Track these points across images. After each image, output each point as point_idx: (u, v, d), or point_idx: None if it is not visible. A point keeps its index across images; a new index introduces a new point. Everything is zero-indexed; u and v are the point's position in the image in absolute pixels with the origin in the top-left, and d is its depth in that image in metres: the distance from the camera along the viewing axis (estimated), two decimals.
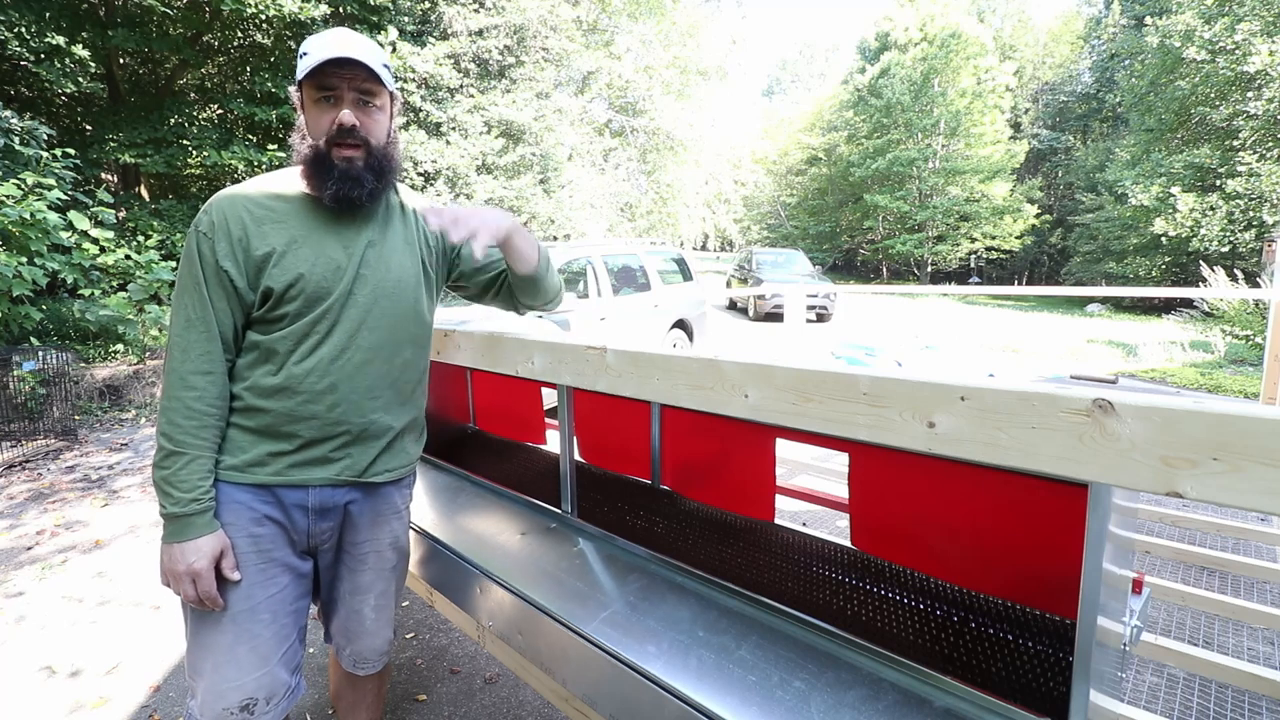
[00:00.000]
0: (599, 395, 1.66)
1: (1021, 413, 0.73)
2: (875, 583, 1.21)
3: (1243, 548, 1.97)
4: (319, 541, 1.26)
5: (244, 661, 1.14)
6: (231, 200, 1.14)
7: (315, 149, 1.15)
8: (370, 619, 1.34)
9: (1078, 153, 25.40)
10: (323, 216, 1.19)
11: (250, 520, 1.16)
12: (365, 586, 1.32)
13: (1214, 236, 14.09)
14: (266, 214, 1.15)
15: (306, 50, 1.14)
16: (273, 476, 1.16)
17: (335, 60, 1.10)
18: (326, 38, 1.14)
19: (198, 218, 1.14)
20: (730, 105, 28.64)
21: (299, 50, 1.18)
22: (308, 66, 1.11)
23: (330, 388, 1.17)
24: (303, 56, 1.15)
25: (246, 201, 1.14)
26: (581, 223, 13.22)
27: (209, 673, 1.13)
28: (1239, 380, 7.21)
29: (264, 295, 1.13)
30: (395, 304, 1.24)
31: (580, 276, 5.65)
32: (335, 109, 1.14)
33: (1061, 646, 0.98)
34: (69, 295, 6.84)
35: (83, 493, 3.86)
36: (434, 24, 10.43)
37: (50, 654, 2.32)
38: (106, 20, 7.86)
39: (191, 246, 1.12)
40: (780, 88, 59.95)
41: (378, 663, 1.39)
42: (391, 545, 1.35)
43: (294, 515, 1.20)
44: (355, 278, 1.19)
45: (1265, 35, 13.29)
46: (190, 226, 1.14)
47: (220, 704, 1.13)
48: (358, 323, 1.19)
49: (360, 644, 1.35)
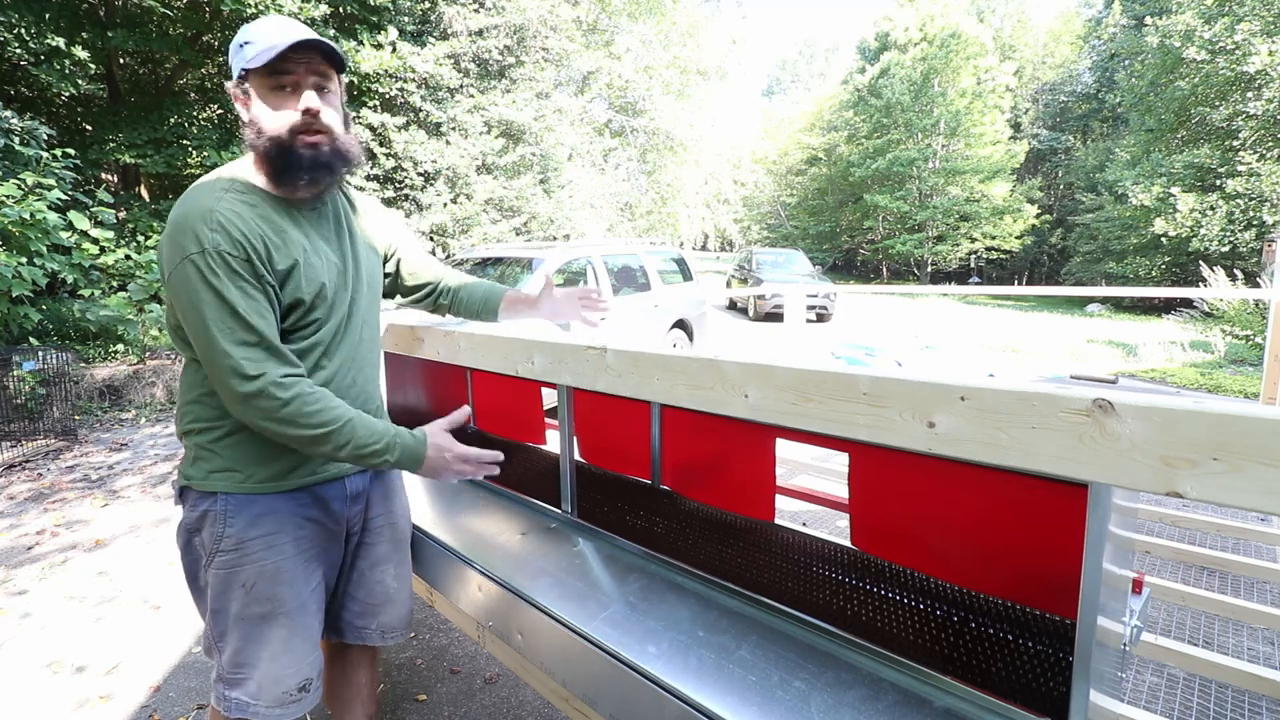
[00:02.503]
0: (599, 395, 1.66)
1: (1021, 413, 0.73)
2: (875, 583, 1.21)
3: (1243, 548, 1.97)
4: (353, 526, 1.32)
5: (299, 650, 1.20)
6: (238, 215, 1.06)
7: (277, 141, 1.09)
8: (394, 587, 1.40)
9: (1078, 153, 25.39)
10: (305, 218, 1.18)
11: (294, 525, 1.20)
12: (384, 557, 1.38)
13: (1214, 236, 14.10)
14: (273, 227, 1.10)
15: (250, 39, 1.08)
16: (310, 478, 1.21)
17: (298, 45, 1.06)
18: (270, 25, 1.10)
19: (202, 238, 1.02)
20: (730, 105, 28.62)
21: (238, 40, 1.11)
22: (264, 55, 1.05)
23: (353, 381, 1.24)
24: (246, 45, 1.08)
25: (249, 215, 1.08)
26: (581, 223, 13.21)
27: (265, 662, 1.17)
28: (1239, 380, 7.21)
29: (293, 305, 1.12)
30: (375, 293, 1.33)
31: (580, 276, 5.65)
32: (294, 97, 1.10)
33: (1061, 646, 0.98)
34: (69, 295, 6.84)
35: (83, 492, 3.86)
36: (434, 24, 10.43)
37: (55, 651, 2.33)
38: (106, 21, 7.85)
39: (212, 268, 1.01)
40: (780, 88, 59.95)
41: (403, 631, 1.44)
42: (402, 514, 1.45)
43: (333, 507, 1.26)
44: (353, 275, 1.23)
45: (1265, 35, 13.29)
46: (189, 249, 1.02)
47: (280, 689, 1.18)
48: (361, 318, 1.27)
49: (387, 615, 1.39)
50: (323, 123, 1.12)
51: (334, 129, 1.14)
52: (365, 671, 1.47)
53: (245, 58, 1.08)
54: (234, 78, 1.12)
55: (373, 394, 1.32)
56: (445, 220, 10.20)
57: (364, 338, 1.27)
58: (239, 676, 1.17)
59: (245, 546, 1.16)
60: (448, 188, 10.34)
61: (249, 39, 1.09)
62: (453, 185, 10.40)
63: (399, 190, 10.22)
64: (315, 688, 1.23)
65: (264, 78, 1.09)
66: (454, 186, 10.42)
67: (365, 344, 1.28)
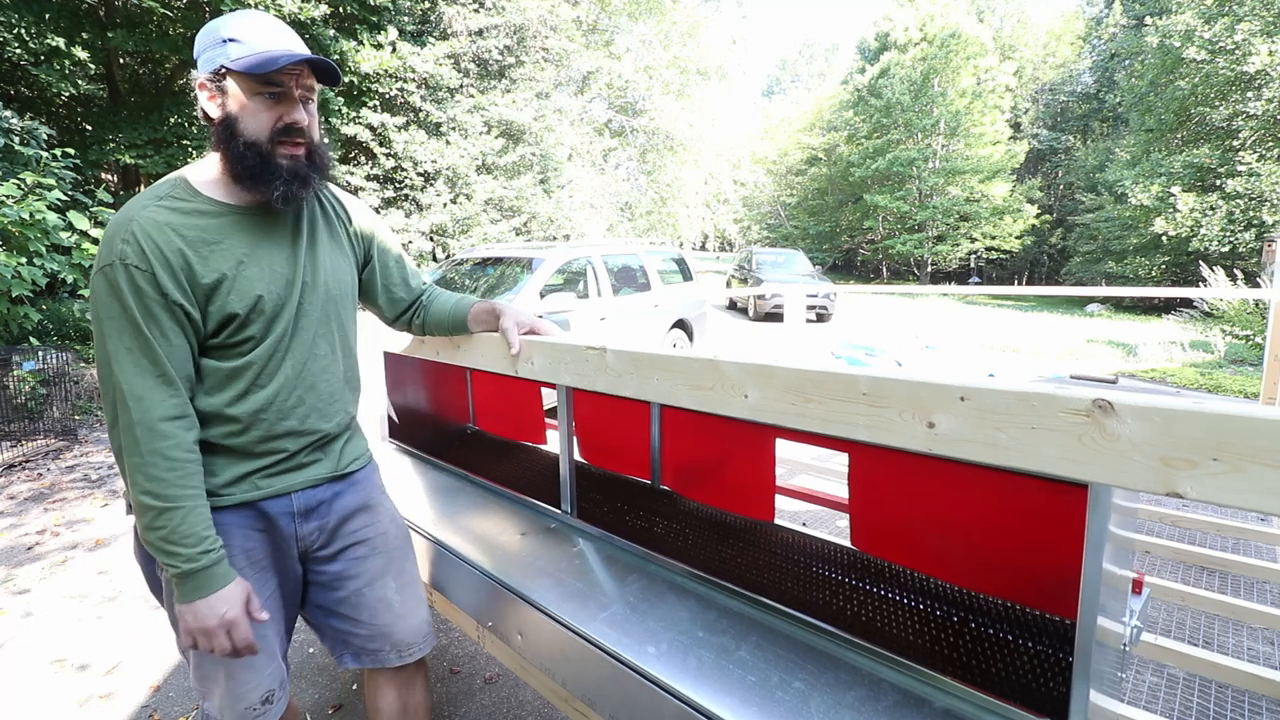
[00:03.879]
0: (599, 395, 1.67)
1: (1021, 413, 0.73)
2: (875, 583, 1.21)
3: (1243, 548, 1.97)
4: (308, 544, 1.24)
5: (257, 663, 1.16)
6: (157, 226, 1.01)
7: (255, 147, 1.06)
8: (398, 600, 1.31)
9: (1078, 153, 25.40)
10: (255, 224, 1.11)
11: (241, 536, 1.14)
12: (380, 571, 1.30)
13: (1214, 236, 14.10)
14: (201, 236, 1.04)
15: (235, 37, 1.03)
16: (253, 493, 1.14)
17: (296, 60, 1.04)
18: (259, 27, 1.05)
19: (113, 249, 0.98)
20: (730, 105, 28.52)
21: (218, 33, 1.04)
22: (255, 63, 1.02)
23: (299, 400, 1.16)
24: (230, 43, 1.03)
25: (172, 225, 1.02)
26: (581, 223, 13.22)
27: (224, 680, 1.14)
28: (1239, 380, 7.20)
29: (223, 322, 1.07)
30: (339, 305, 1.24)
31: (580, 276, 5.64)
32: (280, 106, 1.07)
33: (1061, 646, 0.98)
34: (69, 295, 6.84)
35: (83, 492, 3.86)
36: (434, 24, 10.43)
37: (58, 650, 2.33)
38: (106, 21, 7.86)
39: (117, 282, 0.98)
40: (780, 88, 59.96)
41: (424, 644, 1.35)
42: (391, 523, 1.35)
43: (280, 523, 1.19)
44: (303, 286, 1.16)
45: (1265, 35, 13.29)
46: (102, 260, 0.99)
47: (242, 704, 1.15)
48: (313, 332, 1.18)
49: (398, 631, 1.30)
50: (307, 134, 1.10)
51: (314, 139, 1.12)
52: (395, 694, 1.34)
53: (229, 56, 1.03)
54: (206, 69, 1.05)
55: (333, 412, 1.23)
56: (445, 220, 10.20)
57: (318, 353, 1.19)
58: (205, 690, 1.16)
59: None
60: (447, 188, 10.35)
61: (234, 36, 1.03)
62: (452, 185, 10.40)
63: (399, 190, 10.22)
64: (279, 697, 1.20)
65: (252, 82, 1.04)
66: (454, 186, 10.42)
67: (320, 360, 1.19)
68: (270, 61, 1.03)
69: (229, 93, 1.05)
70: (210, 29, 1.06)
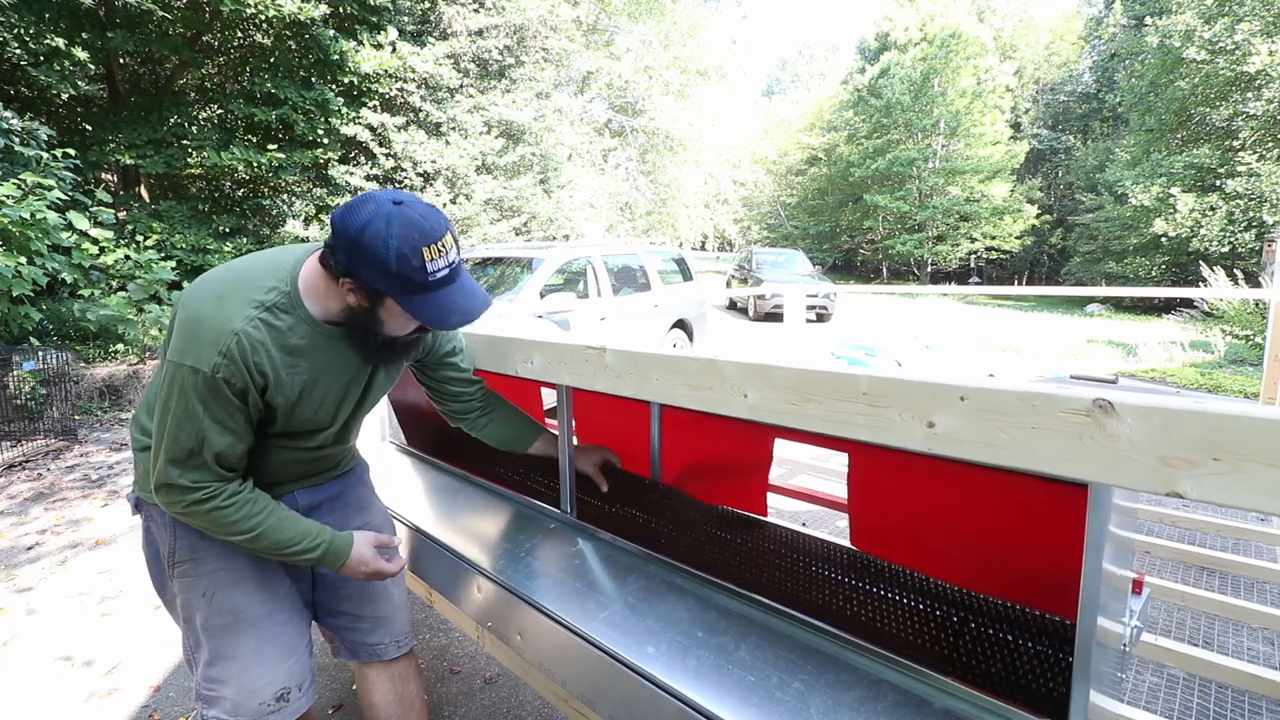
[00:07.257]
0: (599, 395, 1.66)
1: (1021, 413, 0.73)
2: (874, 583, 1.21)
3: (1243, 548, 1.97)
4: None
5: (272, 657, 1.19)
6: (254, 347, 1.03)
7: (387, 339, 1.13)
8: (396, 593, 1.41)
9: (1078, 153, 25.38)
10: (333, 344, 1.14)
11: None
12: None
13: (1214, 236, 14.10)
14: (285, 356, 1.08)
15: (432, 271, 1.01)
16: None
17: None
18: (461, 289, 1.08)
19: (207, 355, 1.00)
20: (730, 105, 28.45)
21: (400, 241, 0.97)
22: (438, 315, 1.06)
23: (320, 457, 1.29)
24: (420, 269, 1.00)
25: (267, 344, 1.05)
26: (581, 223, 13.21)
27: (236, 677, 1.16)
28: (1239, 380, 7.20)
29: (268, 424, 1.14)
30: (373, 405, 1.34)
31: (580, 276, 5.65)
32: (419, 331, 1.16)
33: (1061, 647, 0.98)
34: (69, 295, 6.84)
35: (84, 492, 3.86)
36: (434, 24, 10.43)
37: (60, 648, 2.34)
38: (106, 21, 7.85)
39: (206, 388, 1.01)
40: (780, 88, 59.94)
41: (409, 638, 1.45)
42: (385, 521, 1.46)
43: None
44: (352, 409, 1.26)
45: (1265, 35, 13.29)
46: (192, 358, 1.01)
47: (255, 700, 1.16)
48: (345, 428, 1.30)
49: (395, 624, 1.40)
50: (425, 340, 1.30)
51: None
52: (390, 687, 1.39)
53: (410, 283, 1.01)
54: (362, 272, 1.00)
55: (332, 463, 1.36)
56: None
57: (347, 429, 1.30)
58: (214, 694, 1.17)
59: (200, 554, 1.16)
60: (447, 188, 10.34)
61: (428, 267, 1.01)
62: (452, 185, 10.40)
63: (398, 190, 10.21)
64: (296, 696, 1.21)
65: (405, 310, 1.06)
66: (453, 186, 10.41)
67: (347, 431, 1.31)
68: (455, 319, 1.08)
69: (383, 305, 1.07)
70: (394, 234, 0.98)
